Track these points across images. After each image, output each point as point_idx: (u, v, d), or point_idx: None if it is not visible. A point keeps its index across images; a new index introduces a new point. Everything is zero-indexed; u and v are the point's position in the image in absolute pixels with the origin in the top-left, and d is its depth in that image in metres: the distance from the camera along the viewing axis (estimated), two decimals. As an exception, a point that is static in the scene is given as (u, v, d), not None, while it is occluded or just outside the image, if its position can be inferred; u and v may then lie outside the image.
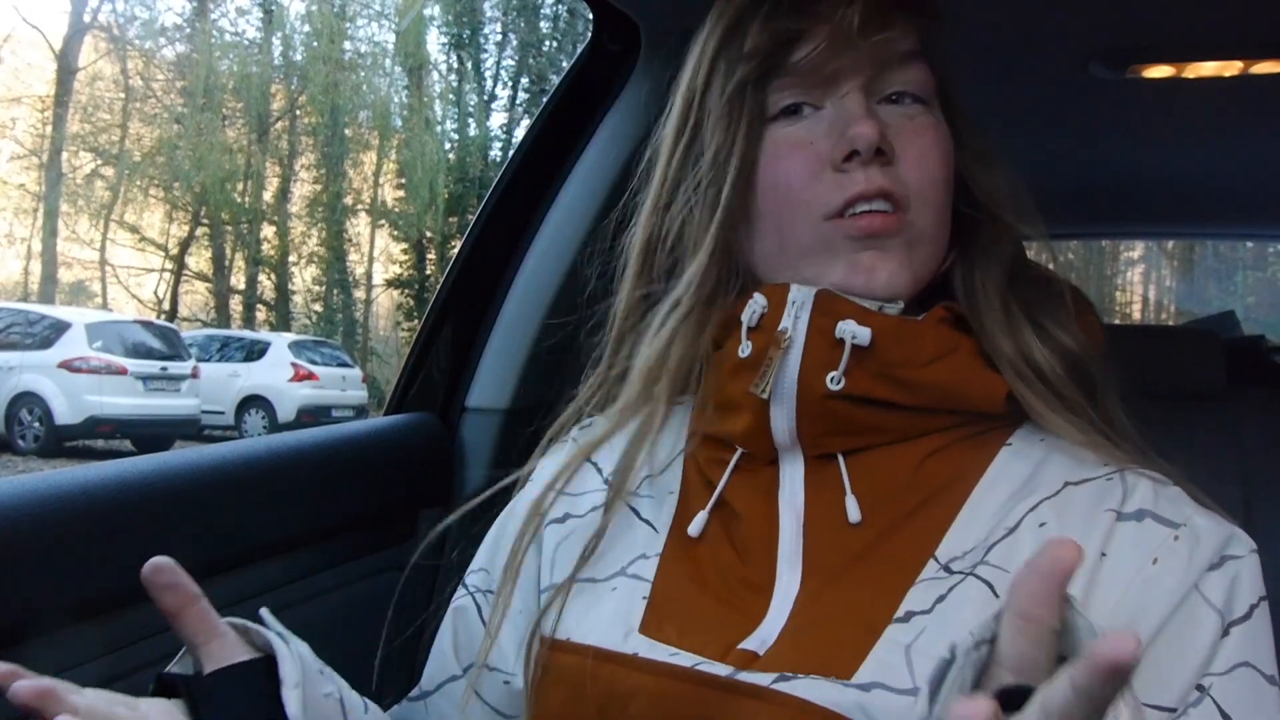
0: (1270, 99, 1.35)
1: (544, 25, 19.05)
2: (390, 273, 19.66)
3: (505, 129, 19.00)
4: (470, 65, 18.51)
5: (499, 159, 17.87)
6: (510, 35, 19.27)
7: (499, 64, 19.10)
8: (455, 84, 18.82)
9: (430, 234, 18.21)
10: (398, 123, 18.54)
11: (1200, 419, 1.46)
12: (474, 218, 1.29)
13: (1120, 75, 1.25)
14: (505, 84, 19.18)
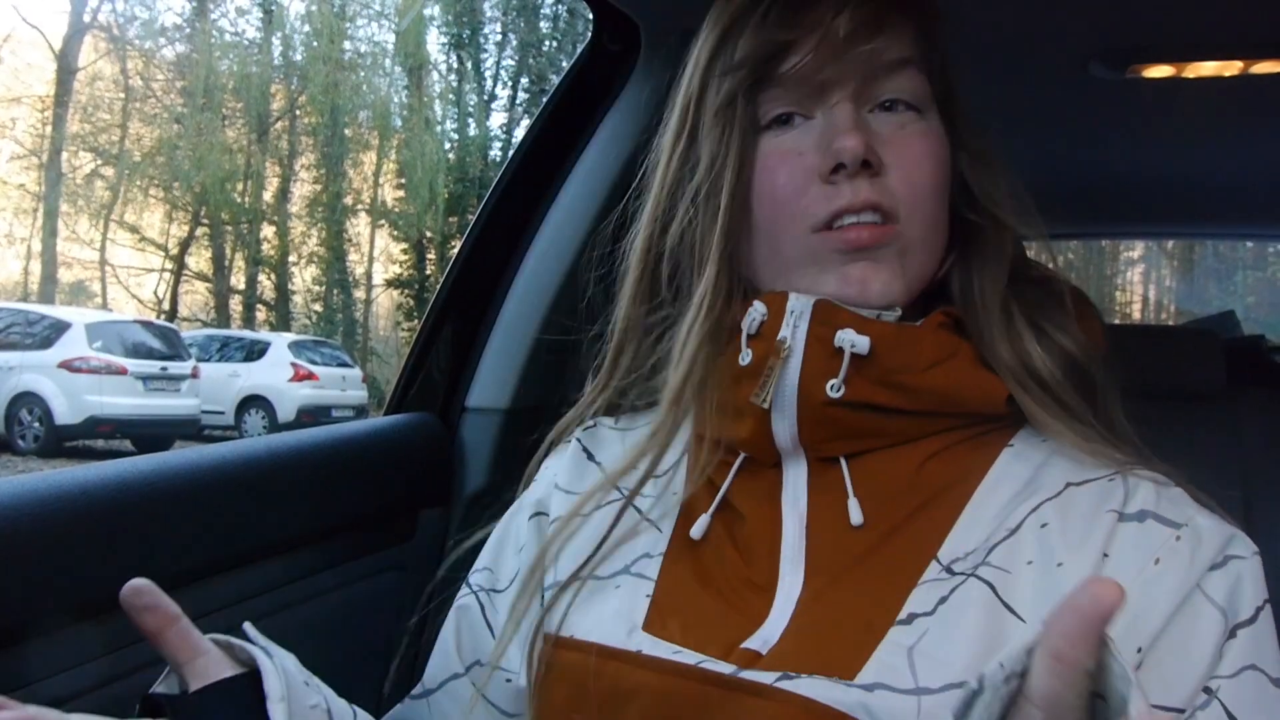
0: (1270, 99, 1.35)
1: (544, 25, 19.06)
2: (390, 273, 19.66)
3: (505, 129, 19.03)
4: (470, 65, 18.52)
5: (499, 159, 17.87)
6: (510, 35, 19.29)
7: (499, 64, 19.13)
8: (455, 84, 18.82)
9: (430, 234, 18.21)
10: (398, 123, 18.55)
11: (1200, 419, 1.46)
12: (474, 218, 1.29)
13: (1120, 75, 1.25)
14: (505, 84, 19.22)
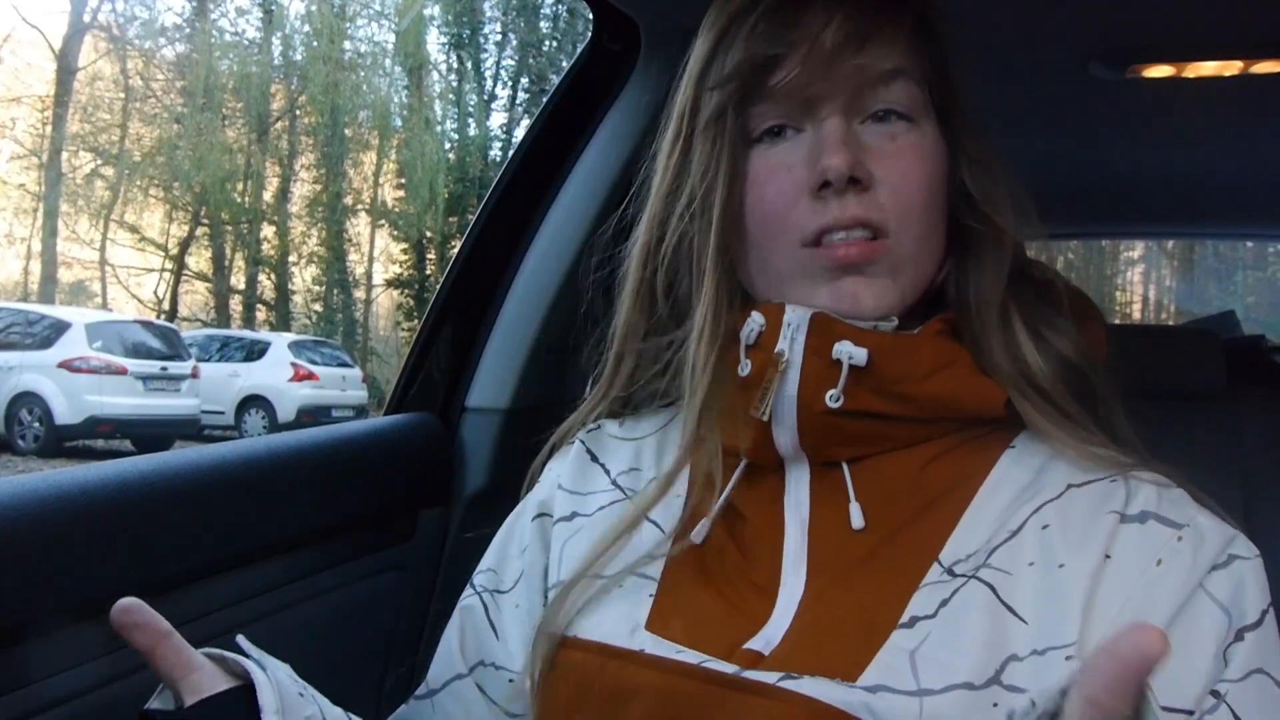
0: (1270, 99, 1.35)
1: (544, 25, 19.06)
2: (390, 273, 19.66)
3: (505, 129, 19.02)
4: (470, 65, 18.51)
5: (499, 159, 17.86)
6: (510, 35, 19.28)
7: (499, 64, 19.12)
8: (455, 84, 18.82)
9: (430, 234, 18.20)
10: (398, 123, 18.54)
11: (1200, 419, 1.46)
12: (474, 218, 1.29)
13: (1120, 75, 1.25)
14: (505, 84, 19.20)
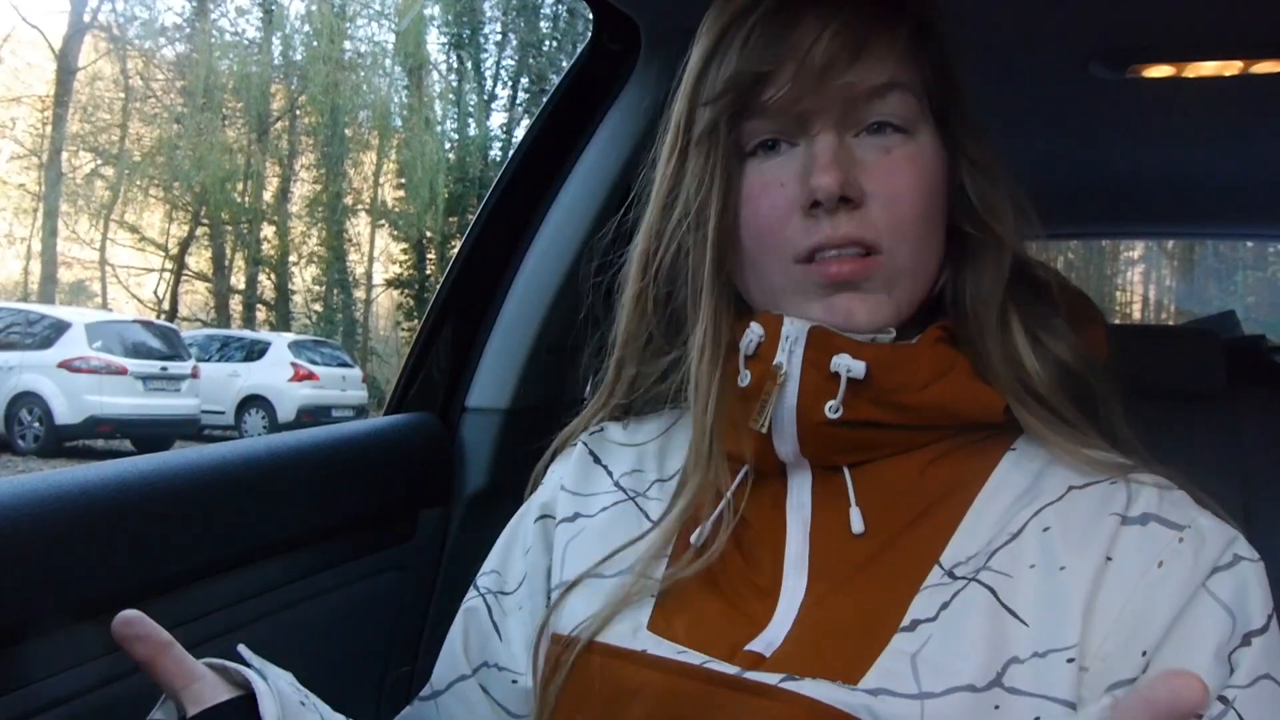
0: (1270, 99, 1.35)
1: (544, 25, 19.05)
2: (390, 273, 19.66)
3: (505, 129, 19.01)
4: (470, 65, 18.51)
5: (499, 159, 17.86)
6: (510, 35, 19.28)
7: (499, 64, 19.12)
8: (455, 84, 18.82)
9: (430, 234, 18.20)
10: (398, 123, 18.54)
11: (1200, 419, 1.46)
12: (474, 218, 1.29)
13: (1120, 75, 1.25)
14: (505, 84, 19.20)
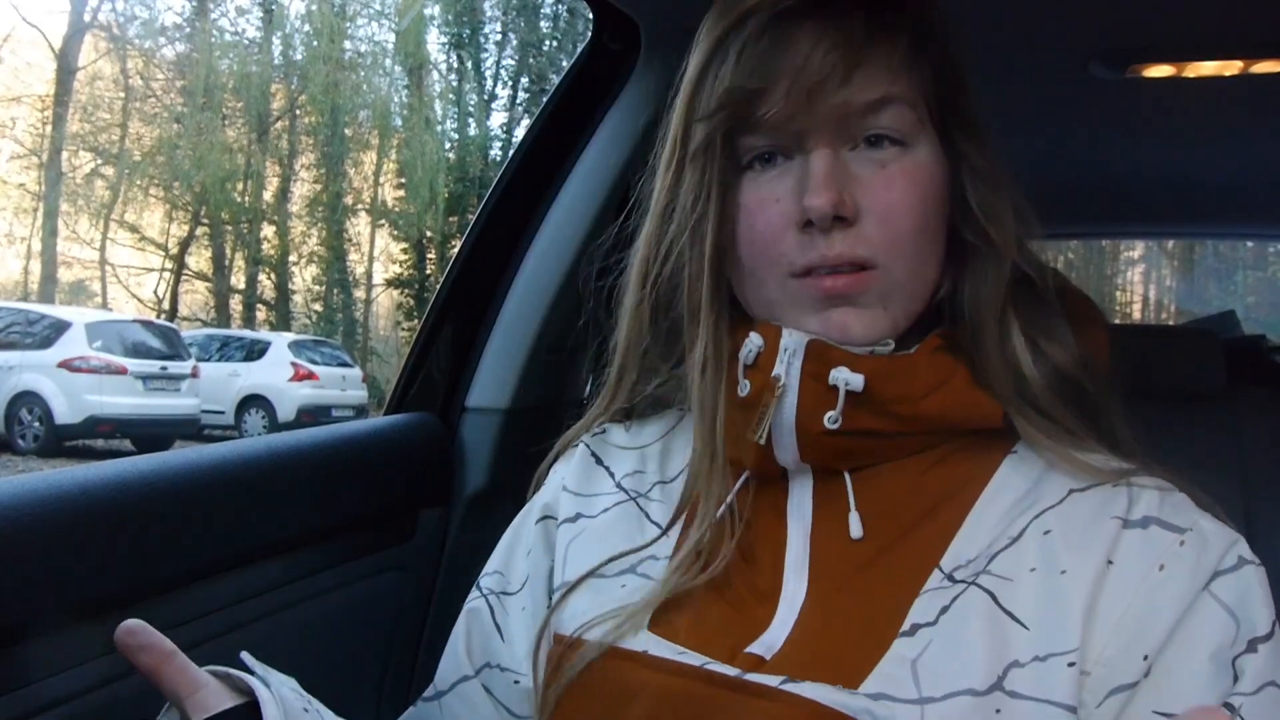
0: (1270, 99, 1.35)
1: (544, 25, 19.05)
2: (390, 273, 19.65)
3: (505, 129, 19.01)
4: (470, 65, 18.51)
5: (499, 159, 17.85)
6: (510, 35, 19.28)
7: (499, 64, 19.11)
8: (455, 84, 18.81)
9: (430, 234, 18.20)
10: (398, 122, 18.54)
11: (1200, 419, 1.46)
12: (474, 218, 1.29)
13: (1120, 75, 1.24)
14: (505, 84, 19.20)
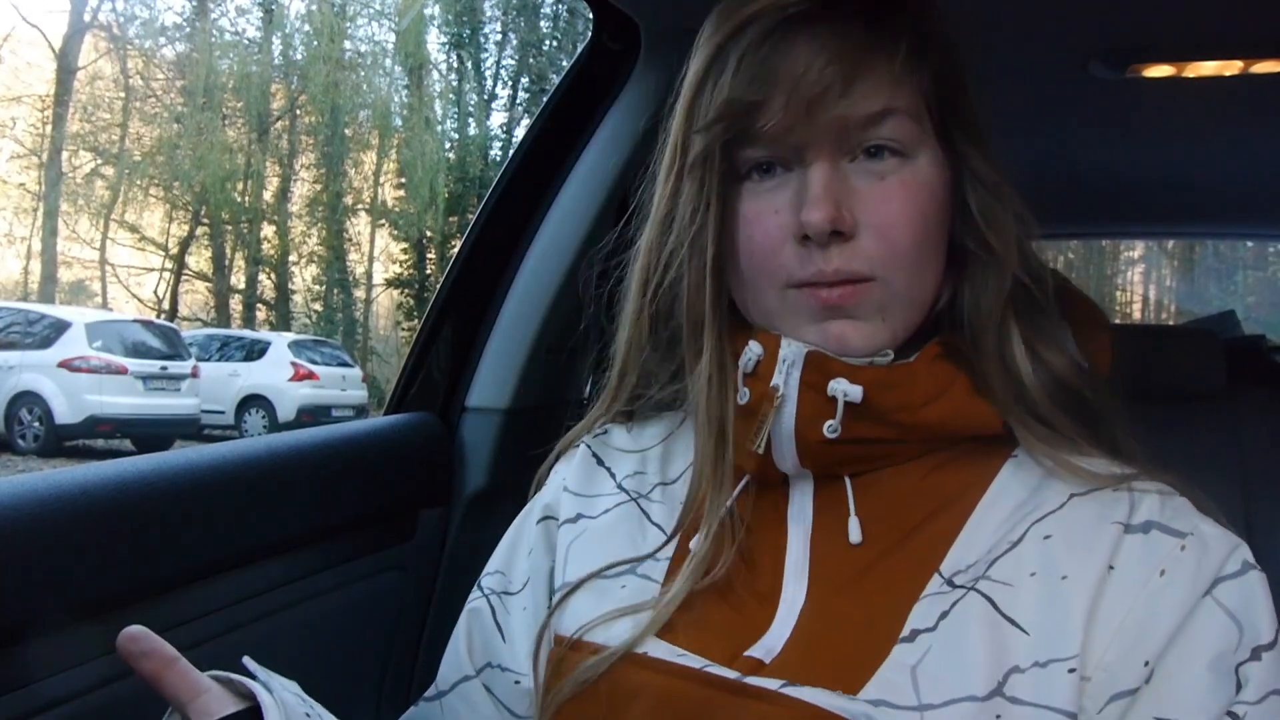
0: (1270, 99, 1.35)
1: (544, 25, 19.05)
2: (390, 272, 19.65)
3: (505, 129, 19.01)
4: (470, 65, 18.51)
5: (499, 159, 17.85)
6: (510, 35, 19.28)
7: (499, 64, 19.11)
8: (455, 84, 18.81)
9: (430, 234, 18.20)
10: (398, 122, 18.54)
11: (1200, 419, 1.46)
12: (474, 218, 1.29)
13: (1120, 75, 1.24)
14: (505, 84, 19.20)
